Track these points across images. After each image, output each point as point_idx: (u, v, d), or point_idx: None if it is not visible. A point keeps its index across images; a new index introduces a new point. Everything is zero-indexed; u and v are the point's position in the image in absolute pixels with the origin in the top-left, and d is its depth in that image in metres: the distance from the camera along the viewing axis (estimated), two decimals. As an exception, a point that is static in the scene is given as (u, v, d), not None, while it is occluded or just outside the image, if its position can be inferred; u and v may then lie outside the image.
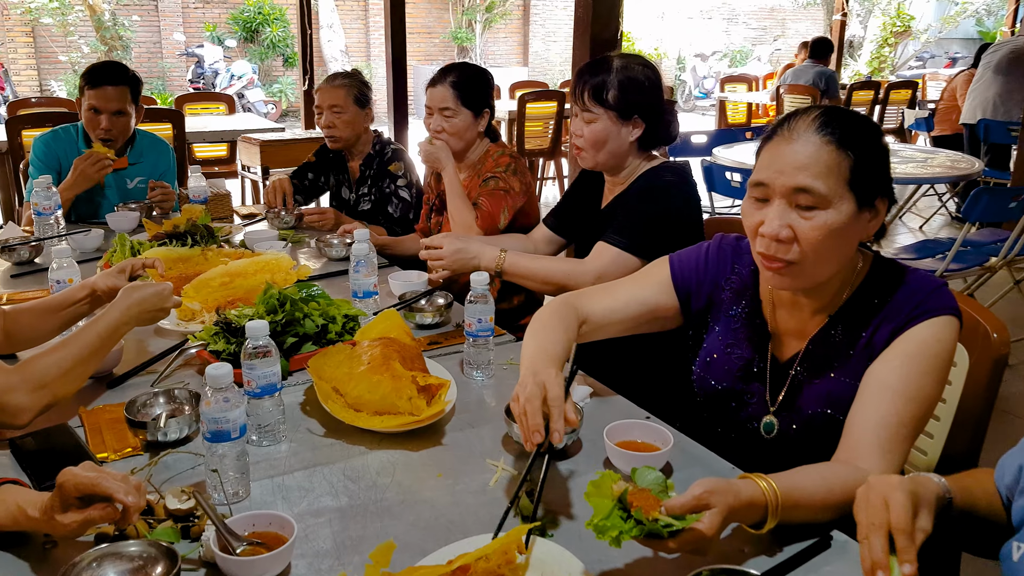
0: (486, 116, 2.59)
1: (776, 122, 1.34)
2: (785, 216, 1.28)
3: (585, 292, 1.59)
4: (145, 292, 1.60)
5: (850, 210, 1.27)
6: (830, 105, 1.34)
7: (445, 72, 2.58)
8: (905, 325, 1.33)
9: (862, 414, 1.30)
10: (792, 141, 1.29)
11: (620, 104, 2.00)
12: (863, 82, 8.60)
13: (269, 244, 2.51)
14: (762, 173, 1.31)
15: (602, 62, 2.03)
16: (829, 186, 1.26)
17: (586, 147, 2.04)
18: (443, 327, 2.00)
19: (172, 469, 1.35)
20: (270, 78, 13.49)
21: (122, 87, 2.93)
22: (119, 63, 3.03)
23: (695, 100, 16.52)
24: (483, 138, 2.64)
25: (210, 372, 1.20)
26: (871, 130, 1.31)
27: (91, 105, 2.90)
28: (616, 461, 1.35)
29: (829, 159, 1.26)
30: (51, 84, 11.93)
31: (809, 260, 1.30)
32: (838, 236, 1.28)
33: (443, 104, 2.53)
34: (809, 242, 1.28)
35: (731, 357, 1.51)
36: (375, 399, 1.48)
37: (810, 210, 1.27)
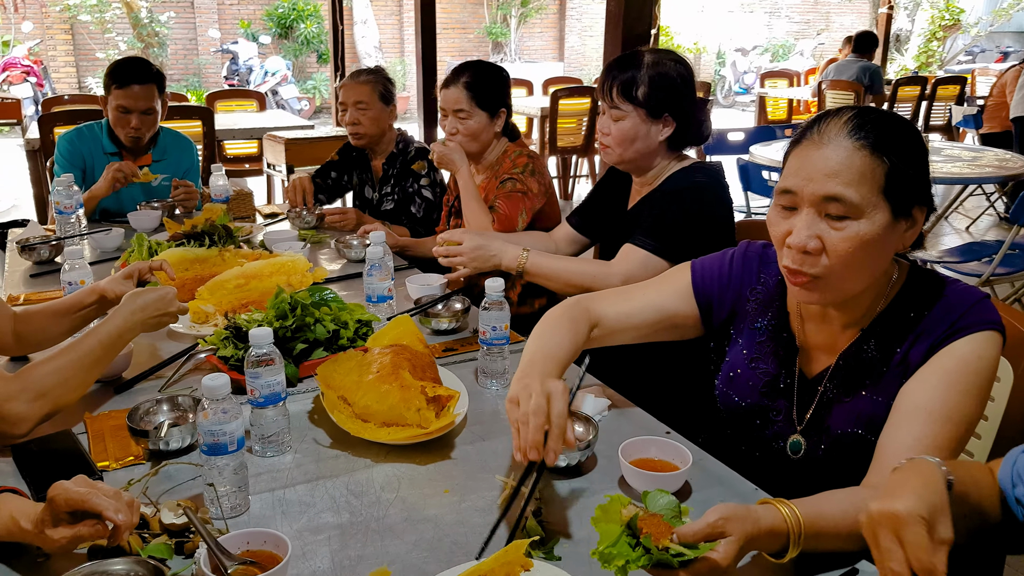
0: (502, 116, 2.53)
1: (805, 124, 1.26)
2: (814, 226, 1.20)
3: (599, 294, 1.52)
4: (148, 297, 1.56)
5: (884, 220, 1.19)
6: (864, 106, 1.25)
7: (458, 72, 2.52)
8: (943, 341, 1.24)
9: (895, 436, 1.22)
10: (822, 146, 1.20)
11: (650, 102, 1.92)
12: (909, 77, 8.37)
13: (288, 245, 2.48)
14: (789, 180, 1.23)
15: (632, 57, 1.95)
16: (862, 194, 1.17)
17: (613, 145, 1.97)
18: (460, 333, 1.94)
19: (174, 479, 1.31)
20: (304, 74, 13.55)
21: (149, 85, 2.93)
22: (143, 60, 3.02)
23: (735, 96, 16.27)
24: (500, 138, 2.57)
25: (206, 383, 1.16)
26: (909, 133, 1.22)
27: (120, 105, 2.90)
28: (631, 480, 1.29)
29: (862, 165, 1.18)
30: (88, 81, 12.11)
31: (839, 273, 1.21)
32: (871, 248, 1.19)
33: (457, 106, 2.47)
34: (839, 254, 1.19)
35: (756, 372, 1.43)
36: (383, 409, 1.43)
37: (841, 220, 1.19)
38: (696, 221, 1.91)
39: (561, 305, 1.47)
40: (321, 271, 2.17)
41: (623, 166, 2.03)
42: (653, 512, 1.02)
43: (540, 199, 2.47)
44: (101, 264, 2.47)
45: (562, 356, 1.34)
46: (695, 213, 1.92)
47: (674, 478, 1.26)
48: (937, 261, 4.03)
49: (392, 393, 1.43)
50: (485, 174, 2.58)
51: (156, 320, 1.58)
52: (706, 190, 1.95)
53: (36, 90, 10.78)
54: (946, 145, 5.69)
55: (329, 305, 1.76)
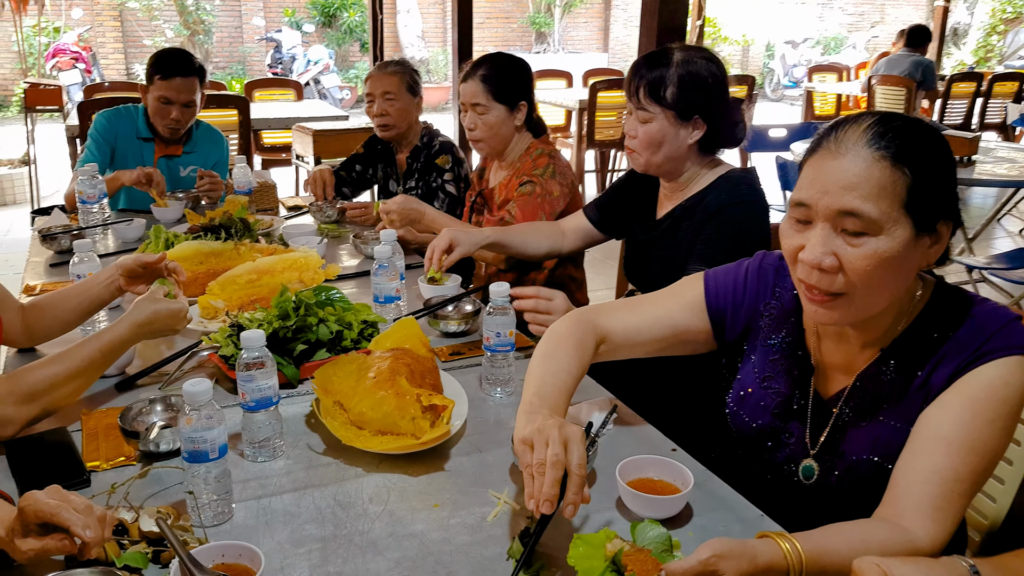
0: (523, 109, 2.45)
1: (822, 131, 1.18)
2: (829, 242, 1.12)
3: (605, 307, 1.45)
4: (160, 309, 1.54)
5: (905, 236, 1.11)
6: (886, 112, 1.17)
7: (476, 66, 2.46)
8: (968, 365, 1.15)
9: (912, 465, 1.14)
10: (839, 156, 1.12)
11: (679, 103, 1.82)
12: (964, 73, 8.09)
13: (305, 239, 2.45)
14: (804, 192, 1.15)
15: (661, 55, 1.85)
16: (881, 209, 1.09)
17: (639, 149, 1.88)
18: (469, 336, 1.89)
19: (162, 482, 1.29)
20: (347, 63, 13.62)
21: (192, 78, 2.94)
22: (186, 52, 3.03)
23: (783, 89, 15.93)
24: (523, 131, 2.50)
25: (187, 389, 1.13)
26: (934, 142, 1.14)
27: (162, 96, 2.91)
28: (628, 503, 1.23)
29: (882, 177, 1.09)
30: (136, 68, 12.31)
31: (858, 293, 1.14)
32: (891, 266, 1.11)
33: (474, 100, 2.42)
34: (857, 272, 1.11)
35: (768, 392, 1.35)
36: (377, 417, 1.39)
37: (858, 236, 1.11)
38: (750, 242, 1.81)
39: (566, 320, 1.41)
40: (333, 268, 2.13)
41: (651, 171, 1.93)
42: (641, 546, 0.96)
43: (562, 201, 2.40)
44: (121, 254, 2.47)
45: (570, 383, 1.28)
46: (749, 233, 1.82)
47: (673, 502, 1.20)
48: (985, 267, 3.87)
49: (387, 400, 1.39)
50: (507, 171, 2.52)
51: (160, 334, 1.58)
52: (754, 206, 1.84)
53: (84, 76, 10.98)
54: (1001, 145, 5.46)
55: (334, 305, 1.73)
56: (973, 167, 4.14)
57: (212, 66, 13.26)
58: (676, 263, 1.90)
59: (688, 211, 1.91)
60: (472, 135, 2.46)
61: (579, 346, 1.34)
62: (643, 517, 1.20)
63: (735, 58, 16.74)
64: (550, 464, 1.06)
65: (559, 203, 2.39)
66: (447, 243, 2.01)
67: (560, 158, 2.46)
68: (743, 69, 16.56)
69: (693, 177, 1.93)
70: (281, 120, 5.43)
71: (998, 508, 1.48)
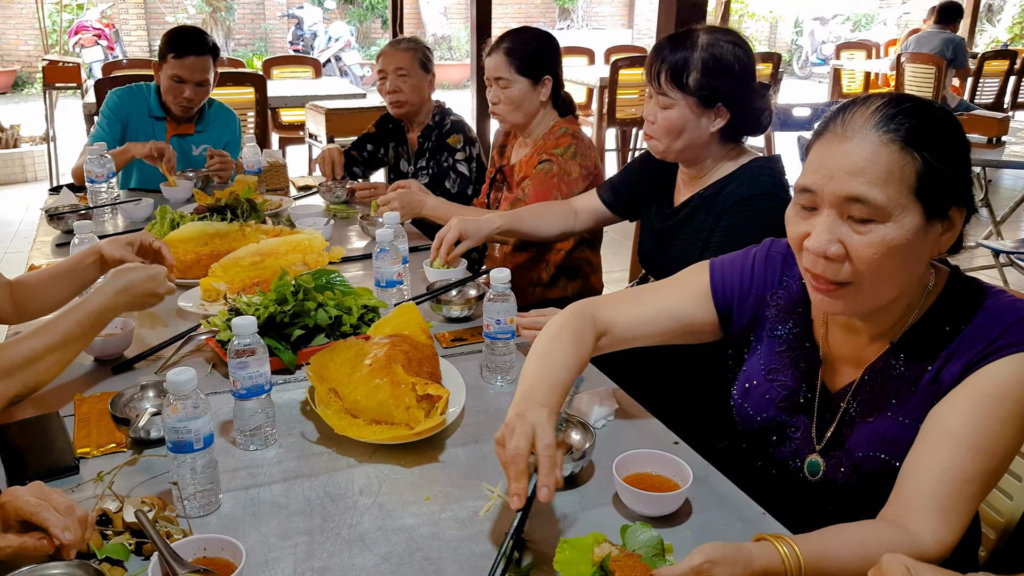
0: (547, 84, 2.40)
1: (830, 114, 1.12)
2: (835, 230, 1.07)
3: (606, 300, 1.40)
4: (135, 276, 1.52)
5: (915, 223, 1.05)
6: (897, 93, 1.11)
7: (500, 40, 2.41)
8: (980, 360, 1.10)
9: (920, 463, 1.09)
10: (846, 139, 1.07)
11: (703, 89, 1.72)
12: (997, 51, 7.85)
13: (312, 220, 2.42)
14: (809, 177, 1.10)
15: (685, 36, 1.75)
16: (889, 195, 1.04)
17: (658, 135, 1.79)
18: (473, 321, 1.86)
19: (152, 470, 1.27)
20: (368, 40, 13.54)
21: (205, 56, 2.91)
22: (200, 30, 2.99)
23: (811, 67, 15.64)
24: (548, 108, 2.45)
25: (171, 378, 1.10)
26: (946, 125, 1.08)
27: (175, 75, 2.89)
28: (624, 499, 1.19)
29: (890, 162, 1.04)
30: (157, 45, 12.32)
31: (865, 282, 1.08)
32: (900, 254, 1.06)
33: (497, 73, 2.37)
34: (864, 261, 1.06)
35: (774, 385, 1.31)
36: (371, 405, 1.36)
37: (865, 223, 1.05)
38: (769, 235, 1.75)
39: (565, 313, 1.36)
40: (338, 250, 2.11)
41: (670, 158, 1.85)
42: (630, 551, 0.92)
43: (581, 183, 2.34)
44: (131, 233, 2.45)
45: (565, 377, 1.23)
46: (769, 226, 1.73)
47: (671, 499, 1.16)
48: (1012, 252, 3.77)
49: (382, 389, 1.36)
50: (531, 148, 2.47)
51: (143, 300, 1.54)
52: (775, 197, 1.75)
53: (107, 53, 11.01)
54: (1031, 125, 5.30)
55: (334, 289, 1.69)
56: (1003, 148, 4.02)
57: (234, 43, 13.25)
58: (692, 254, 1.84)
59: (707, 200, 1.84)
60: (495, 109, 2.42)
61: (577, 338, 1.29)
62: (639, 514, 1.17)
63: (762, 34, 16.45)
64: (510, 459, 1.06)
65: (577, 184, 2.34)
66: (456, 236, 1.97)
67: (584, 139, 2.40)
68: (770, 46, 16.27)
69: (714, 165, 1.85)
70: (298, 98, 5.40)
71: (1015, 506, 1.43)
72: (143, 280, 1.52)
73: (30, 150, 6.63)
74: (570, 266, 2.50)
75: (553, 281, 2.51)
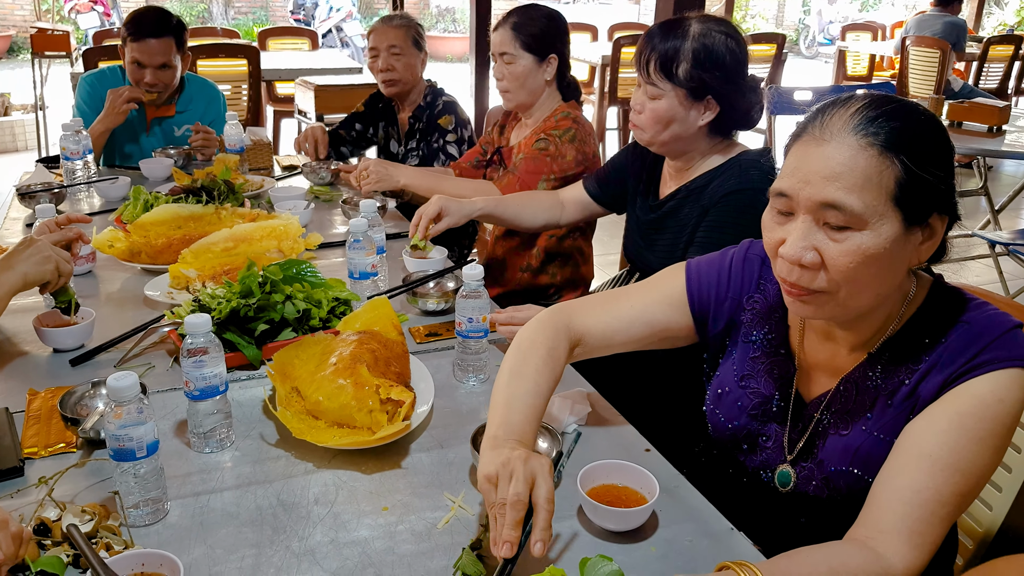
0: (552, 62, 2.35)
1: (809, 115, 1.07)
2: (810, 236, 1.02)
3: (578, 305, 1.34)
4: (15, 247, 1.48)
5: (893, 231, 1.00)
6: (877, 95, 1.05)
7: (509, 15, 2.37)
8: (959, 376, 1.05)
9: (892, 482, 1.04)
10: (823, 143, 1.01)
11: (692, 81, 1.66)
12: (1002, 36, 7.71)
13: (292, 203, 2.36)
14: (785, 181, 1.05)
15: (677, 25, 1.69)
16: (866, 201, 0.99)
17: (644, 125, 1.73)
18: (450, 315, 1.80)
19: (102, 473, 1.21)
20: (371, 10, 13.37)
21: (166, 38, 2.78)
22: (162, 11, 2.86)
23: (818, 47, 15.45)
24: (552, 88, 2.40)
25: (111, 383, 1.05)
26: (929, 129, 1.02)
27: (134, 59, 2.78)
28: (589, 514, 1.14)
29: (868, 167, 0.99)
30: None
31: (841, 291, 1.04)
32: (876, 263, 1.01)
33: (502, 48, 2.32)
34: (839, 269, 1.01)
35: (746, 392, 1.26)
36: (334, 407, 1.31)
37: (841, 231, 1.01)
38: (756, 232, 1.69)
39: (537, 323, 1.29)
40: (315, 237, 2.05)
41: (655, 148, 1.80)
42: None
43: (575, 167, 2.30)
44: (105, 214, 2.40)
45: (540, 404, 1.18)
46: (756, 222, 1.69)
47: (636, 514, 1.11)
48: (1008, 243, 3.70)
49: (345, 390, 1.31)
50: (531, 129, 2.42)
51: (36, 271, 1.49)
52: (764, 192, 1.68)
53: (103, 19, 10.85)
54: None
55: (303, 281, 1.64)
56: (1003, 136, 3.95)
57: (233, 11, 13.08)
58: (677, 247, 1.79)
59: (693, 193, 1.78)
60: (500, 85, 2.37)
61: (549, 356, 1.23)
62: (604, 528, 1.12)
63: (770, 13, 16.25)
64: (510, 504, 0.99)
65: (571, 167, 2.30)
66: (436, 210, 1.92)
67: (585, 125, 2.35)
68: (777, 24, 16.08)
69: (701, 159, 1.80)
70: (292, 71, 5.29)
71: (993, 516, 1.40)
72: (21, 248, 1.48)
73: (21, 119, 6.54)
74: (561, 253, 2.45)
75: (543, 267, 2.46)
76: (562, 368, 1.25)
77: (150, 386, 1.44)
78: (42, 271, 1.50)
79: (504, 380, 1.20)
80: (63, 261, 1.52)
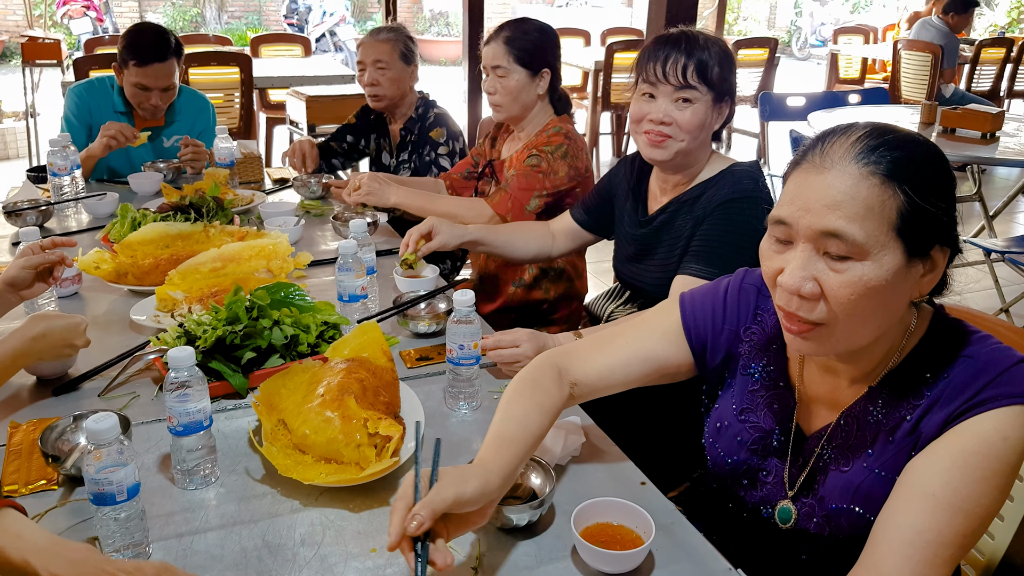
0: (545, 76, 2.33)
1: (808, 142, 1.05)
2: (810, 266, 1.00)
3: (574, 349, 1.31)
4: (54, 325, 1.42)
5: (895, 263, 0.98)
6: (879, 124, 1.02)
7: (500, 28, 2.34)
8: (962, 413, 1.02)
9: (894, 522, 1.02)
10: (824, 170, 0.99)
11: (721, 84, 1.68)
12: (994, 39, 7.70)
13: (282, 220, 2.33)
14: (784, 209, 1.02)
15: (686, 36, 1.68)
16: (868, 232, 0.96)
17: (679, 135, 1.68)
18: (441, 337, 1.77)
19: (84, 512, 1.18)
20: (364, 15, 13.33)
21: (170, 61, 2.77)
22: (161, 31, 2.81)
23: (810, 48, 15.47)
24: (544, 102, 2.38)
25: (89, 426, 1.02)
26: (932, 158, 1.00)
27: (139, 83, 2.75)
28: (584, 555, 1.11)
29: (870, 197, 0.96)
30: (150, 17, 12.10)
31: (839, 323, 1.01)
32: (877, 295, 0.98)
33: (495, 62, 2.30)
34: (839, 301, 0.99)
35: (745, 426, 1.23)
36: (321, 441, 1.28)
37: (842, 261, 0.98)
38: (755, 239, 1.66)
39: (531, 368, 1.27)
40: (305, 256, 2.01)
41: (679, 158, 1.74)
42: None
43: (567, 182, 2.29)
44: (93, 231, 2.37)
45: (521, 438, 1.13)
46: (753, 230, 1.66)
47: (631, 557, 1.09)
48: (1003, 251, 3.68)
49: (332, 424, 1.28)
50: (522, 143, 2.40)
51: (57, 351, 1.45)
52: (758, 201, 1.69)
53: (96, 25, 10.80)
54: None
55: (291, 305, 1.61)
56: (996, 143, 3.93)
57: (227, 16, 13.03)
58: (671, 259, 1.78)
59: (686, 205, 1.77)
60: (492, 99, 2.35)
61: (537, 399, 1.20)
62: (599, 571, 1.10)
63: (762, 15, 16.25)
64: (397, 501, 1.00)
65: (563, 183, 2.29)
66: (428, 229, 1.91)
67: (576, 140, 2.33)
68: (769, 27, 16.09)
69: (700, 169, 1.79)
70: (285, 79, 5.27)
71: (996, 546, 1.38)
72: (62, 330, 1.43)
73: (11, 126, 6.49)
74: (554, 268, 2.43)
75: (536, 282, 2.44)
76: (558, 409, 1.22)
77: (134, 417, 1.41)
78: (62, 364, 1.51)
79: (496, 421, 1.16)
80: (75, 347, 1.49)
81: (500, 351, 1.56)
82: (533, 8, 13.89)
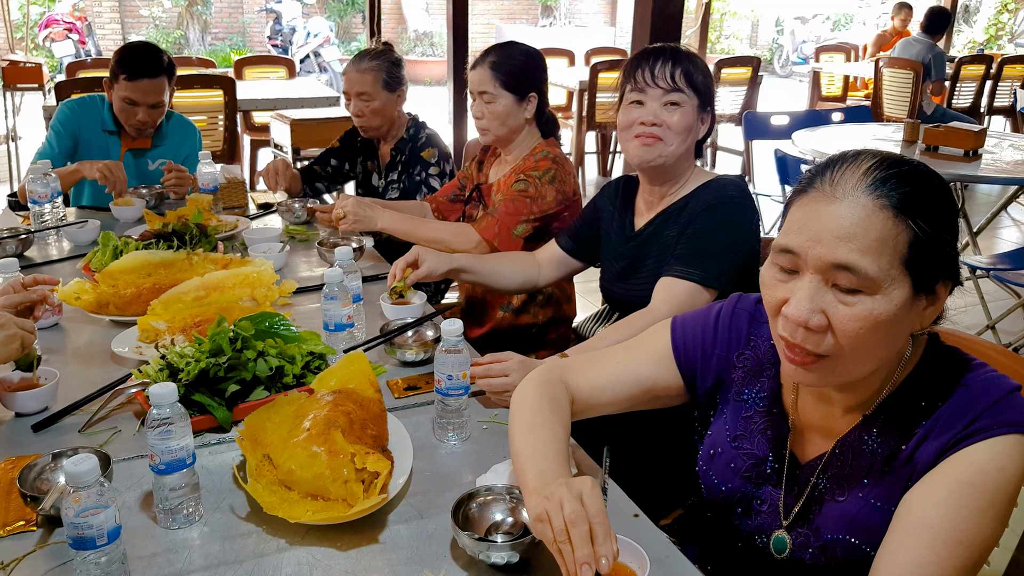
0: (532, 101, 2.33)
1: (815, 169, 1.03)
2: (818, 298, 0.99)
3: (569, 363, 1.31)
4: None
5: (903, 297, 0.97)
6: (888, 154, 1.02)
7: (486, 53, 2.35)
8: (958, 442, 1.01)
9: (893, 555, 1.00)
10: (834, 200, 0.98)
11: (705, 91, 1.75)
12: (973, 56, 7.80)
13: (267, 246, 2.30)
14: (792, 238, 1.01)
15: (674, 48, 1.76)
16: (880, 265, 0.95)
17: (668, 136, 1.73)
18: (429, 365, 1.75)
19: (64, 555, 1.14)
20: (348, 35, 13.37)
21: (160, 78, 2.76)
22: (154, 48, 2.82)
23: (792, 66, 15.64)
24: (532, 126, 2.38)
25: (68, 468, 0.99)
26: (940, 191, 1.00)
27: (128, 97, 2.75)
28: (576, 592, 1.09)
29: (883, 230, 0.96)
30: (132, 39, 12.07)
31: (844, 356, 1.00)
32: (884, 329, 0.98)
33: (482, 87, 2.30)
34: (847, 334, 0.98)
35: (739, 453, 1.22)
36: (307, 477, 1.25)
37: (852, 294, 0.97)
38: (739, 243, 1.71)
39: (533, 382, 1.27)
40: (290, 283, 1.99)
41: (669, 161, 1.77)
42: None
43: (555, 207, 2.28)
44: (74, 260, 2.33)
45: (564, 449, 1.16)
46: (738, 235, 1.72)
47: (625, 593, 1.06)
48: (988, 268, 3.71)
49: (318, 459, 1.25)
50: (509, 167, 2.39)
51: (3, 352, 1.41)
52: (744, 207, 1.73)
53: (79, 48, 10.76)
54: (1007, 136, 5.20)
55: (275, 336, 1.58)
56: (979, 160, 3.96)
57: (211, 37, 13.02)
58: (660, 272, 1.78)
59: (672, 216, 1.81)
60: (479, 124, 2.35)
61: (557, 409, 1.21)
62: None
63: (743, 33, 16.43)
64: (570, 523, 0.96)
65: (551, 208, 2.28)
66: (413, 258, 1.89)
67: (564, 165, 2.33)
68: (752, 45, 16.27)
69: (685, 181, 1.83)
70: (269, 101, 5.25)
71: (992, 572, 1.36)
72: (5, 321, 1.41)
73: (-8, 150, 6.44)
74: (542, 293, 2.42)
75: (524, 307, 2.42)
76: (570, 419, 1.23)
77: (115, 453, 1.38)
78: (8, 351, 1.43)
79: (520, 438, 1.17)
80: (27, 334, 1.45)
81: (490, 380, 1.54)
82: (517, 28, 13.98)
